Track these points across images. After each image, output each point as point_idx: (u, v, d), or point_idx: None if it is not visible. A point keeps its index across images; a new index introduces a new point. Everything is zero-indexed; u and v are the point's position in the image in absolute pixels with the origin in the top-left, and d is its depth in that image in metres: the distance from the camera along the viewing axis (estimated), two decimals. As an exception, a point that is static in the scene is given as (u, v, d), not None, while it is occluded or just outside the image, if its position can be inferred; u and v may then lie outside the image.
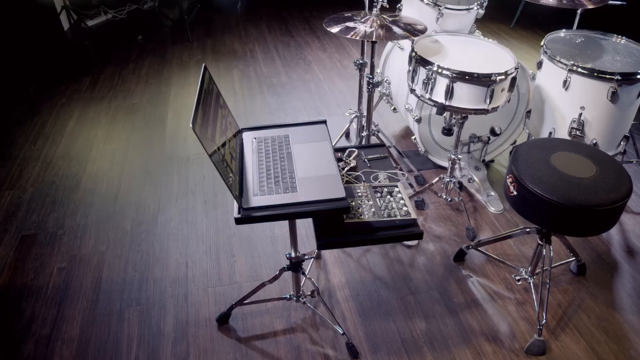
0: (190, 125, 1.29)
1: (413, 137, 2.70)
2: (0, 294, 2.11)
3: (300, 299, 1.98)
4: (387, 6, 2.11)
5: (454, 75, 1.96)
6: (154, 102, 3.60)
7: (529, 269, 2.04)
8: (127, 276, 2.20)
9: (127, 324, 1.99)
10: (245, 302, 1.98)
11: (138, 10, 5.23)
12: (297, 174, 1.56)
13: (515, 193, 1.76)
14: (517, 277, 2.05)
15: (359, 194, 1.61)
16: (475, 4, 2.31)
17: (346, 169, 1.79)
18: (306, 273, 2.17)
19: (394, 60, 2.79)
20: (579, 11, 2.48)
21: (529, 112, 2.45)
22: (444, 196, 2.54)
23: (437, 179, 2.53)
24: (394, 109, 3.08)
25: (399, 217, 1.52)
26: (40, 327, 1.98)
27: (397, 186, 1.65)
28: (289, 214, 1.43)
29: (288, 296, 1.99)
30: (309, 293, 2.03)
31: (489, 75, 1.94)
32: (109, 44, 4.59)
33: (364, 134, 2.44)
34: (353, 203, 1.58)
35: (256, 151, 1.68)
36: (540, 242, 1.92)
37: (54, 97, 3.64)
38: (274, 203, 1.45)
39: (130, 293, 2.12)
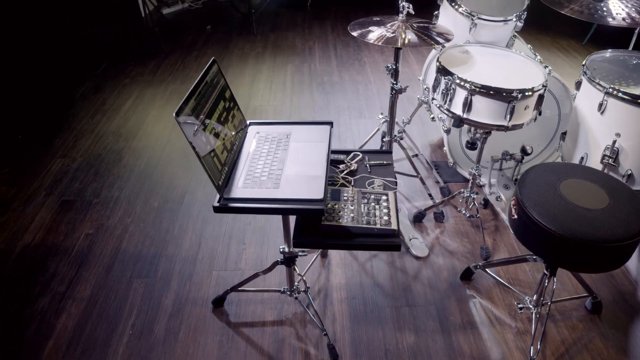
0: (174, 114, 1.36)
1: (444, 148, 2.64)
2: (32, 249, 2.33)
3: (293, 294, 2.01)
4: (413, 12, 2.06)
5: (473, 87, 1.89)
6: (207, 89, 3.77)
7: (534, 298, 1.93)
8: (143, 249, 2.35)
9: (132, 293, 2.13)
10: (239, 288, 2.05)
11: (213, 1, 5.48)
12: (285, 172, 1.59)
13: (515, 217, 1.68)
14: (520, 305, 1.95)
15: (345, 198, 1.61)
16: (514, 15, 2.20)
17: (345, 171, 1.80)
18: (308, 268, 2.22)
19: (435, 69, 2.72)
20: (637, 30, 2.29)
21: (564, 133, 2.31)
22: (463, 211, 2.45)
23: (457, 192, 2.45)
24: (433, 117, 3.01)
25: (378, 226, 1.51)
26: (58, 284, 2.17)
27: (387, 195, 1.63)
28: (265, 208, 1.47)
29: (282, 289, 2.03)
30: (303, 289, 2.06)
31: (509, 91, 1.85)
32: (181, 31, 4.85)
33: (386, 139, 2.42)
34: (336, 206, 1.58)
35: (255, 145, 1.73)
36: (545, 271, 1.82)
37: (119, 76, 3.92)
38: (254, 196, 1.49)
39: (142, 265, 2.26)
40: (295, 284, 2.01)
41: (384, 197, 1.61)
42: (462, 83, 1.91)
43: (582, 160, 2.16)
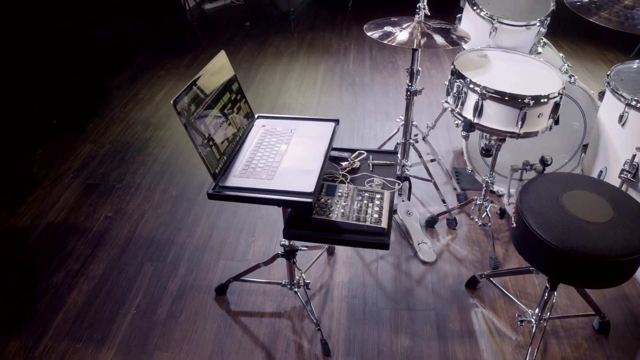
0: (172, 102, 1.42)
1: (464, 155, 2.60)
2: (54, 227, 2.46)
3: (293, 287, 2.03)
4: (429, 14, 2.04)
5: (484, 92, 1.85)
6: (238, 85, 3.85)
7: (536, 311, 1.87)
8: (157, 234, 2.43)
9: (141, 276, 2.21)
10: (241, 278, 2.09)
11: (255, -1, 5.59)
12: (282, 164, 1.61)
13: (514, 225, 1.64)
14: (521, 318, 1.89)
15: (339, 194, 1.62)
16: (537, 20, 2.14)
17: (347, 169, 1.80)
18: (311, 264, 2.24)
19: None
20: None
21: (585, 146, 2.22)
22: (476, 219, 2.40)
23: (470, 200, 2.40)
24: (457, 123, 2.96)
25: (367, 223, 1.51)
26: (73, 262, 2.28)
27: (382, 194, 1.62)
28: (255, 198, 1.50)
29: (283, 282, 2.06)
30: (304, 284, 2.07)
31: (520, 97, 1.81)
32: (220, 26, 4.98)
33: (401, 141, 2.40)
34: (329, 201, 1.59)
35: (257, 137, 1.76)
36: (547, 284, 1.76)
37: (155, 68, 4.07)
38: (247, 186, 1.53)
39: (154, 249, 2.34)
40: (297, 278, 2.03)
41: (379, 196, 1.61)
42: (473, 87, 1.88)
43: (600, 174, 2.08)
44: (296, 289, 2.03)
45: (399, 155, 2.46)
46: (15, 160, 2.91)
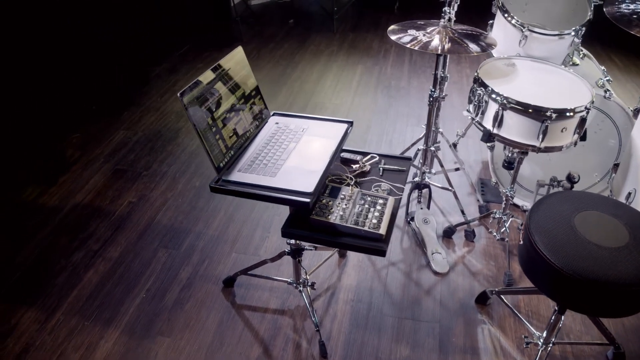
0: (179, 94, 1.45)
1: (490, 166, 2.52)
2: (80, 208, 2.56)
3: (298, 286, 2.03)
4: (455, 18, 1.99)
5: (504, 102, 1.79)
6: (273, 81, 3.89)
7: (544, 334, 1.79)
8: (175, 223, 2.49)
9: (154, 261, 2.27)
10: (248, 272, 2.11)
11: (302, -3, 5.63)
12: (287, 163, 1.62)
13: (521, 242, 1.57)
14: (528, 340, 1.82)
15: (342, 196, 1.61)
16: (571, 30, 2.04)
17: (356, 171, 1.79)
18: (320, 265, 2.23)
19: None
20: None
21: (616, 165, 2.11)
22: (494, 233, 2.32)
23: (489, 212, 2.33)
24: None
25: (365, 228, 1.49)
26: (93, 243, 2.37)
27: (386, 199, 1.60)
28: (255, 194, 1.51)
29: (289, 281, 2.06)
30: (310, 284, 2.07)
31: (542, 109, 1.73)
32: (264, 22, 5.04)
33: (422, 147, 2.35)
34: (331, 203, 1.58)
35: (269, 135, 1.77)
36: (555, 307, 1.68)
37: (195, 60, 4.17)
38: (248, 182, 1.54)
39: (170, 237, 2.40)
40: (303, 277, 2.03)
41: (381, 201, 1.58)
42: (494, 96, 1.82)
43: (629, 196, 1.97)
44: (301, 288, 2.04)
45: (419, 162, 2.42)
46: (53, 142, 3.06)
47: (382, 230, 1.48)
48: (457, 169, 2.68)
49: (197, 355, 1.88)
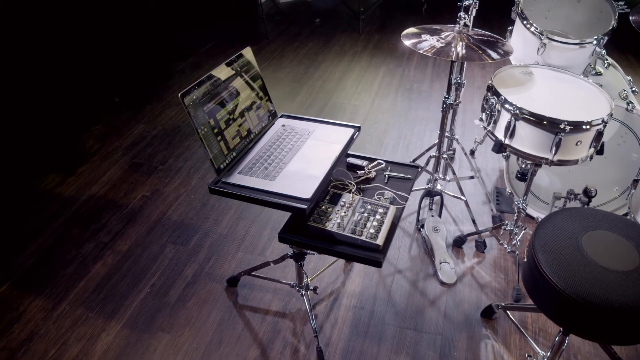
0: (179, 95, 1.45)
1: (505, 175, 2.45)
2: (94, 200, 2.61)
3: (301, 290, 2.02)
4: (470, 24, 1.93)
5: (517, 112, 1.73)
6: (294, 80, 3.89)
7: (548, 354, 1.73)
8: (185, 219, 2.51)
9: (161, 256, 2.30)
10: (251, 273, 2.11)
11: (329, -4, 5.59)
12: (288, 167, 1.60)
13: (525, 259, 1.52)
14: None
15: (342, 203, 1.58)
16: (593, 39, 1.94)
17: (361, 177, 1.76)
18: (324, 269, 2.21)
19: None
20: None
21: (636, 181, 2.01)
22: (505, 245, 2.25)
23: (501, 223, 2.26)
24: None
25: (362, 238, 1.46)
26: (104, 235, 2.41)
27: (386, 209, 1.56)
28: (252, 198, 1.50)
29: (292, 284, 2.05)
30: (312, 288, 2.05)
31: (556, 121, 1.66)
32: (290, 21, 5.03)
33: (434, 153, 2.30)
34: (330, 209, 1.56)
35: (274, 137, 1.76)
36: (560, 328, 1.62)
37: (219, 57, 4.19)
38: (247, 185, 1.53)
39: (179, 233, 2.43)
40: (306, 281, 2.01)
41: (382, 210, 1.55)
42: (507, 106, 1.76)
43: (648, 214, 1.88)
44: (303, 292, 2.02)
45: (431, 169, 2.37)
46: (76, 132, 3.13)
47: (380, 241, 1.45)
48: (471, 177, 2.61)
49: (194, 353, 1.89)
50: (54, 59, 3.05)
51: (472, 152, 2.99)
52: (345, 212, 1.54)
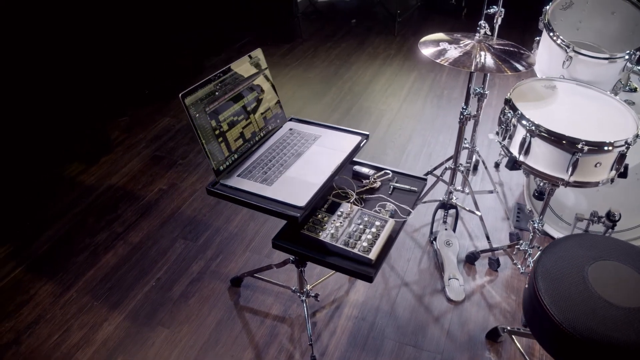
0: (180, 95, 1.45)
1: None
2: (113, 190, 2.67)
3: (301, 296, 2.00)
4: (489, 33, 1.84)
5: (532, 128, 1.64)
6: (324, 80, 3.86)
7: (551, 386, 1.64)
8: (198, 215, 2.53)
9: (170, 251, 2.32)
10: (254, 275, 2.10)
11: (368, -3, 5.53)
12: (287, 172, 1.58)
13: (526, 286, 1.44)
14: (533, 388, 1.67)
15: (339, 213, 1.54)
16: (625, 53, 1.82)
17: (365, 187, 1.71)
18: (328, 277, 2.18)
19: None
20: None
21: (664, 208, 1.88)
22: (519, 265, 2.16)
23: (514, 243, 2.16)
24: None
25: (355, 250, 1.42)
26: (118, 226, 2.46)
27: (384, 222, 1.51)
28: (246, 202, 1.49)
29: (293, 288, 2.03)
30: (313, 295, 2.02)
31: (573, 141, 1.57)
32: (326, 20, 5.00)
33: (450, 165, 2.22)
34: (326, 219, 1.52)
35: (279, 141, 1.74)
36: (564, 359, 1.53)
37: (250, 55, 4.21)
38: (243, 188, 1.52)
39: (190, 229, 2.45)
40: (307, 287, 1.99)
41: (379, 223, 1.50)
42: (523, 121, 1.67)
43: (673, 245, 1.75)
44: (304, 298, 2.00)
45: (447, 181, 2.29)
46: (104, 122, 3.21)
47: (372, 255, 1.41)
48: (490, 192, 2.51)
49: (190, 350, 1.90)
50: (89, 50, 3.14)
51: (497, 165, 2.88)
52: (341, 223, 1.50)
